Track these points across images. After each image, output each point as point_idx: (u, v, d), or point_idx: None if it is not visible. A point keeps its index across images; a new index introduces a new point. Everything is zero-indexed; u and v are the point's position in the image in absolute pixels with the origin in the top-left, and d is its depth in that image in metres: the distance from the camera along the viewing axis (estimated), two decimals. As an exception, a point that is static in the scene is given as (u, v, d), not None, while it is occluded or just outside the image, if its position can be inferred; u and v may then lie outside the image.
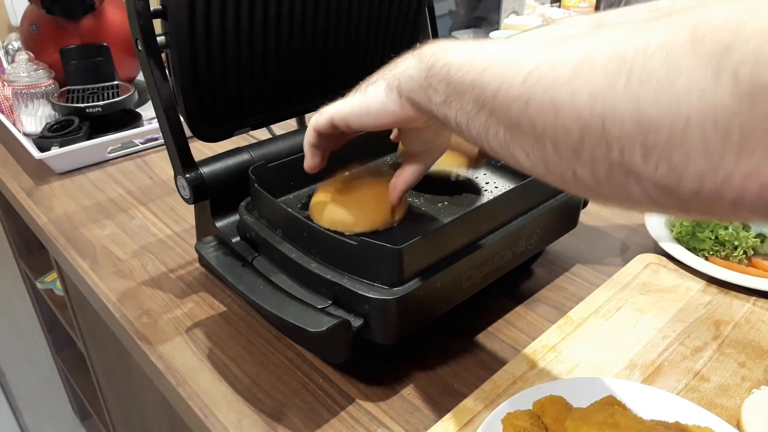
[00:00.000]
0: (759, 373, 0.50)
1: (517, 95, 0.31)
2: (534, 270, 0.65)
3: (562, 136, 0.29)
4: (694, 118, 0.24)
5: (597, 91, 0.27)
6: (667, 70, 0.24)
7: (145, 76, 0.54)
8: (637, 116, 0.25)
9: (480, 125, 0.35)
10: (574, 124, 0.28)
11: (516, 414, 0.44)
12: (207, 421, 0.47)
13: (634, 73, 0.26)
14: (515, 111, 0.31)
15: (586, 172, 0.29)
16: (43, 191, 0.82)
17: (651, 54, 0.25)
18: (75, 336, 1.07)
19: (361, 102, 0.44)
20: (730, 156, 0.23)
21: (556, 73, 0.29)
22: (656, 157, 0.25)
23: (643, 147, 0.26)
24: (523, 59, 0.32)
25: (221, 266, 0.52)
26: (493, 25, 1.18)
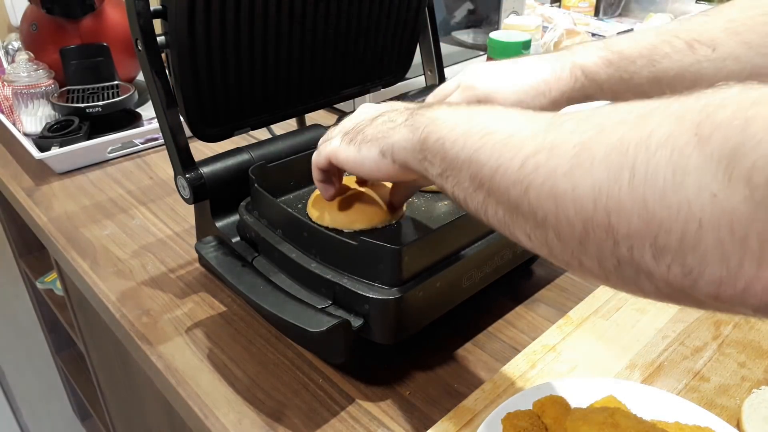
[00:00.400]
0: (759, 373, 0.50)
1: (515, 180, 0.30)
2: (534, 270, 0.65)
3: (565, 226, 0.28)
4: (707, 222, 0.22)
5: (600, 185, 0.26)
6: (673, 170, 0.23)
7: (145, 76, 0.54)
8: (645, 215, 0.24)
9: (478, 202, 0.34)
10: (577, 216, 0.27)
11: (516, 414, 0.44)
12: (207, 421, 0.47)
13: (638, 169, 0.24)
14: (514, 195, 0.31)
15: (592, 264, 0.28)
16: (43, 191, 0.82)
17: (654, 151, 0.24)
18: (75, 336, 1.07)
19: (356, 157, 0.45)
20: (749, 263, 0.22)
21: (555, 163, 0.28)
22: (668, 259, 0.24)
23: (653, 247, 0.24)
24: (520, 142, 0.31)
25: (221, 266, 0.52)
26: (493, 25, 1.18)
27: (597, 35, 1.31)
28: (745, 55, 0.48)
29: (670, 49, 0.50)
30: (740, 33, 0.48)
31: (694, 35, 0.49)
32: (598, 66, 0.51)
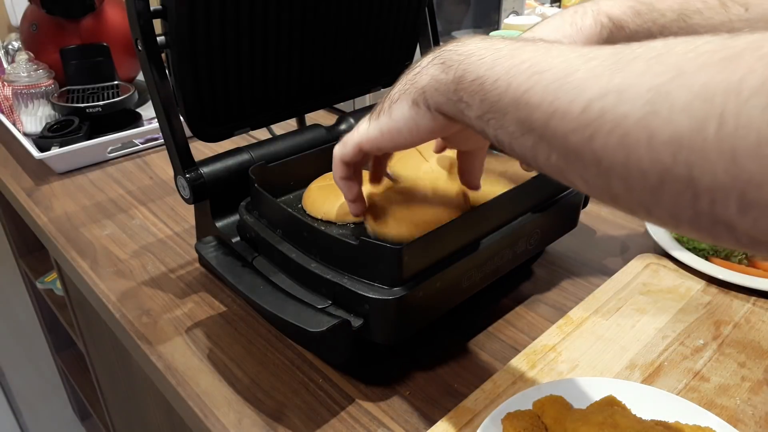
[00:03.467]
0: (759, 373, 0.50)
1: (575, 126, 0.27)
2: (534, 270, 0.65)
3: (637, 176, 0.26)
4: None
5: (680, 134, 0.23)
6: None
7: (145, 76, 0.54)
8: (734, 169, 0.22)
9: (526, 147, 0.31)
10: (653, 167, 0.25)
11: (516, 414, 0.44)
12: (207, 421, 0.47)
13: (727, 119, 0.22)
14: (574, 142, 0.28)
15: (663, 213, 0.26)
16: (43, 191, 0.82)
17: (747, 99, 0.22)
18: (75, 336, 1.07)
19: (389, 124, 0.40)
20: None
21: (625, 109, 0.25)
22: (756, 213, 0.22)
23: (740, 201, 0.22)
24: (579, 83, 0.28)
25: (221, 266, 0.52)
26: (493, 25, 1.18)
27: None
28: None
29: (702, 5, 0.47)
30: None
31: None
32: (626, 15, 0.47)
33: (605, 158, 0.27)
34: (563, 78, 0.28)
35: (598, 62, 0.28)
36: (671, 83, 0.24)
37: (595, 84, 0.27)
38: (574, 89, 0.28)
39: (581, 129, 0.27)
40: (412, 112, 0.38)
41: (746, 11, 0.46)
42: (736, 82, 0.22)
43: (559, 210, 0.59)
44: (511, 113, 0.31)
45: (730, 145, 0.22)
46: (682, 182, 0.24)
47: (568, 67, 0.29)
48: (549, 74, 0.29)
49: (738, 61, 0.23)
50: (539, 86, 0.29)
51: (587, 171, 0.28)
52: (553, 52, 0.31)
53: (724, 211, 0.23)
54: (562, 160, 0.29)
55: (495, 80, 0.32)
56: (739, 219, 0.23)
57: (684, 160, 0.24)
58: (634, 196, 0.27)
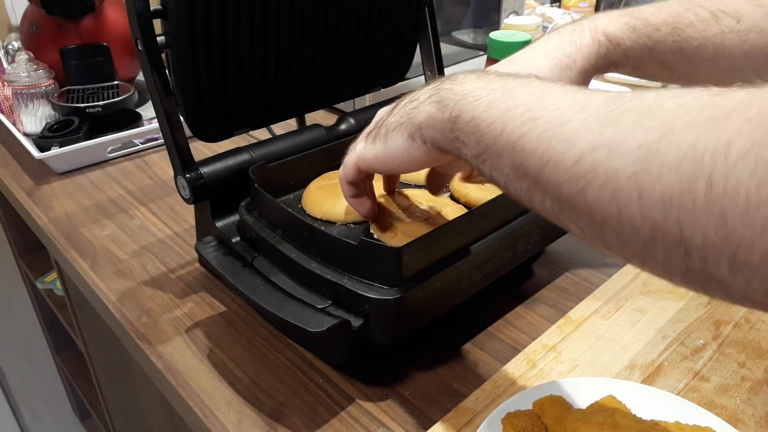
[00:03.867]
0: (759, 373, 0.50)
1: (568, 177, 0.28)
2: (534, 270, 0.65)
3: (629, 230, 0.26)
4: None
5: (671, 193, 0.24)
6: (757, 185, 0.21)
7: (145, 76, 0.54)
8: (724, 230, 0.22)
9: (522, 190, 0.32)
10: (644, 223, 0.25)
11: (516, 414, 0.44)
12: (207, 421, 0.47)
13: (715, 181, 0.22)
14: (567, 192, 0.28)
15: (657, 266, 0.26)
16: (43, 191, 0.82)
17: (735, 163, 0.22)
18: (75, 336, 1.07)
19: (384, 150, 0.41)
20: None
21: (617, 165, 0.26)
22: (748, 274, 0.22)
23: (731, 261, 0.23)
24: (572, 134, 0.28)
25: (221, 266, 0.52)
26: (493, 25, 1.18)
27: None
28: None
29: (695, 18, 0.47)
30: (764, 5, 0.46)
31: (718, 5, 0.47)
32: (622, 32, 0.48)
33: (598, 210, 0.27)
34: (557, 127, 0.29)
35: (590, 112, 0.28)
36: (661, 141, 0.25)
37: (588, 136, 0.27)
38: (567, 140, 0.28)
39: (574, 180, 0.28)
40: (407, 144, 0.40)
41: (738, 23, 0.47)
42: (724, 144, 0.22)
43: (559, 210, 0.59)
44: (506, 157, 0.32)
45: (720, 207, 0.22)
46: (674, 240, 0.24)
47: (561, 116, 0.29)
48: (542, 122, 0.30)
49: (725, 122, 0.23)
50: (533, 133, 0.30)
51: (581, 219, 0.28)
52: (547, 98, 0.31)
53: (715, 269, 0.23)
54: (557, 207, 0.30)
55: (490, 123, 0.33)
56: (731, 278, 0.23)
57: (675, 218, 0.24)
58: (627, 248, 0.27)
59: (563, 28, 0.50)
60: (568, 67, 0.48)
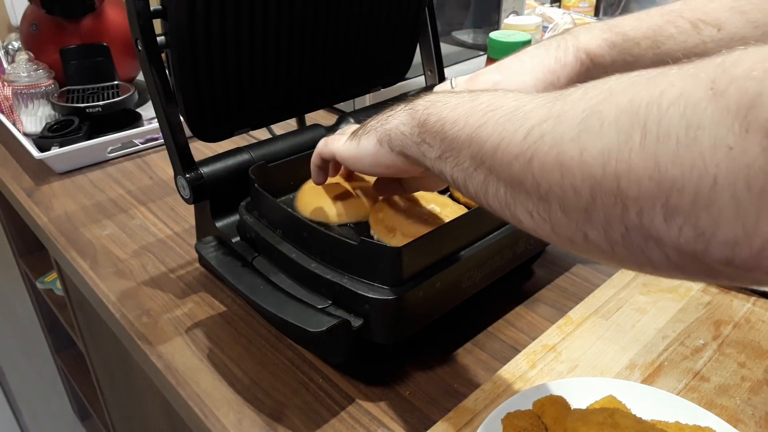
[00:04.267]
0: (759, 373, 0.50)
1: (518, 152, 0.29)
2: (534, 270, 0.65)
3: (571, 195, 0.27)
4: (723, 178, 0.21)
5: (609, 148, 0.25)
6: (686, 126, 0.22)
7: (145, 76, 0.54)
8: (657, 176, 0.23)
9: (478, 183, 0.33)
10: (584, 183, 0.26)
11: (516, 414, 0.44)
12: (207, 421, 0.47)
13: (649, 129, 0.24)
14: (517, 169, 0.29)
15: (598, 235, 0.27)
16: (43, 191, 0.82)
17: (666, 108, 0.23)
18: (75, 336, 1.07)
19: (355, 151, 0.45)
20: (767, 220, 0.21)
21: (562, 129, 0.27)
22: (680, 220, 0.23)
23: (664, 209, 0.23)
24: (524, 114, 0.30)
25: (221, 266, 0.52)
26: (493, 25, 1.18)
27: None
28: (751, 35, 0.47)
29: (675, 30, 0.49)
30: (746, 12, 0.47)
31: (699, 15, 0.48)
32: (602, 49, 0.50)
33: (543, 181, 0.28)
34: (512, 111, 0.31)
35: (545, 98, 0.30)
36: (603, 103, 0.26)
37: (539, 113, 0.29)
38: (520, 119, 0.30)
39: (522, 154, 0.29)
40: (375, 148, 0.43)
41: (719, 31, 0.48)
42: (658, 94, 0.24)
43: (559, 210, 0.59)
44: (465, 149, 0.33)
45: (653, 153, 0.23)
46: (611, 194, 0.25)
47: (518, 104, 0.31)
48: (501, 111, 0.32)
49: (661, 78, 0.25)
50: (491, 121, 0.32)
51: (530, 200, 0.30)
52: (510, 95, 0.33)
53: (650, 221, 0.24)
54: (509, 193, 0.31)
55: (454, 120, 0.35)
56: (665, 229, 0.24)
57: (612, 171, 0.25)
58: (571, 220, 0.28)
59: (549, 42, 0.52)
60: (551, 84, 0.50)
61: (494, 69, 0.53)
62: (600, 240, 0.27)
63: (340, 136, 0.48)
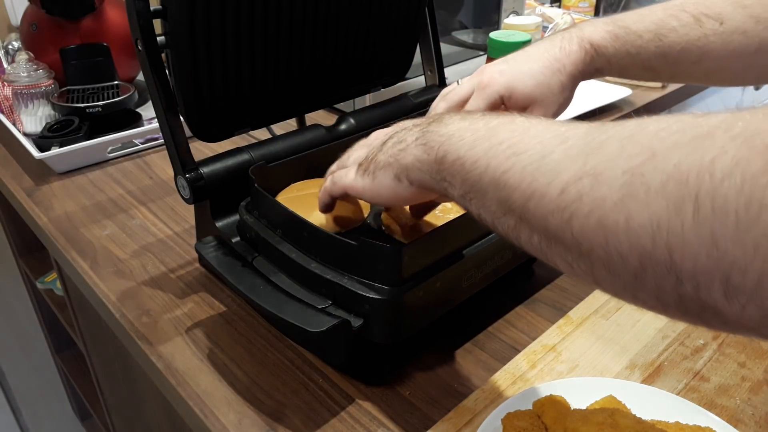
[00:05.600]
0: (759, 373, 0.50)
1: (554, 208, 0.27)
2: (534, 270, 0.65)
3: (617, 260, 0.25)
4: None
5: (658, 218, 0.23)
6: (746, 203, 0.20)
7: (145, 76, 0.54)
8: (716, 254, 0.21)
9: (508, 227, 0.31)
10: (632, 251, 0.24)
11: (516, 414, 0.44)
12: (207, 421, 0.47)
13: (702, 202, 0.22)
14: (554, 224, 0.28)
15: (649, 298, 0.25)
16: (43, 191, 0.82)
17: (721, 180, 0.21)
18: (75, 336, 1.07)
19: (372, 186, 0.43)
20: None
21: (603, 192, 0.25)
22: (743, 299, 0.22)
23: (724, 286, 0.22)
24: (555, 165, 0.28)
25: (221, 266, 0.52)
26: (493, 25, 1.18)
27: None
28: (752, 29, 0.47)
29: (677, 23, 0.49)
30: (748, 6, 0.47)
31: (701, 8, 0.49)
32: (606, 40, 0.50)
33: (585, 241, 0.26)
34: (540, 160, 0.29)
35: (572, 143, 0.28)
36: (645, 165, 0.24)
37: (572, 166, 0.27)
38: (551, 171, 0.28)
39: (560, 211, 0.27)
40: (394, 184, 0.41)
41: (721, 25, 0.48)
42: (709, 162, 0.22)
43: (559, 210, 0.59)
44: (492, 194, 0.32)
45: (709, 229, 0.22)
46: (664, 266, 0.23)
47: (543, 149, 0.29)
48: (525, 156, 0.30)
49: (709, 141, 0.22)
50: (517, 167, 0.30)
51: (569, 253, 0.28)
52: (530, 133, 0.31)
53: (708, 296, 0.23)
54: (544, 242, 0.29)
55: (475, 161, 0.33)
56: (726, 305, 0.22)
57: (664, 243, 0.23)
58: (617, 281, 0.26)
59: (553, 36, 0.53)
60: (558, 70, 0.50)
61: (500, 61, 0.54)
62: (651, 302, 0.26)
63: (345, 171, 0.46)
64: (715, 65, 0.50)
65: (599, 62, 0.51)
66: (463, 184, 0.34)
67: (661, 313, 0.26)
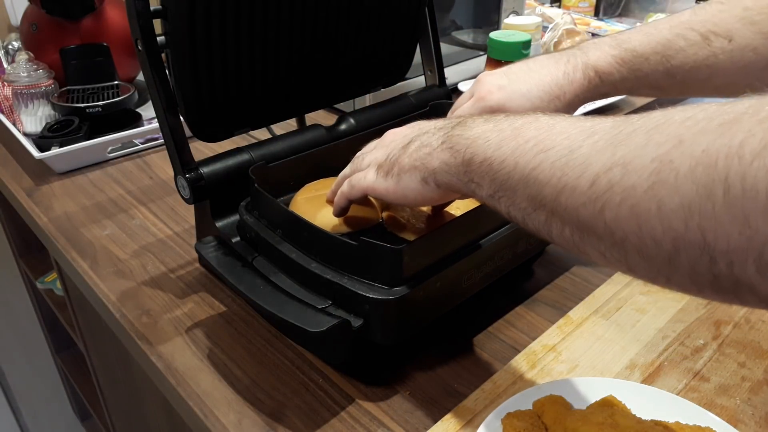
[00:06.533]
0: (759, 373, 0.50)
1: (585, 200, 0.28)
2: (534, 270, 0.65)
3: (651, 245, 0.26)
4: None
5: (689, 201, 0.24)
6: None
7: (145, 76, 0.54)
8: (748, 231, 0.22)
9: (539, 222, 0.32)
10: (666, 235, 0.25)
11: (516, 414, 0.44)
12: (207, 421, 0.47)
13: (732, 183, 0.22)
14: (586, 216, 0.28)
15: (683, 280, 0.26)
16: (43, 191, 0.82)
17: (750, 161, 0.22)
18: (75, 336, 1.07)
19: (396, 189, 0.44)
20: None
21: (633, 180, 0.26)
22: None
23: (757, 263, 0.22)
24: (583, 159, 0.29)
25: (221, 266, 0.52)
26: (493, 25, 1.18)
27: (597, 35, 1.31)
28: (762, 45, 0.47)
29: (685, 43, 0.49)
30: (757, 22, 0.47)
31: (709, 26, 0.48)
32: (611, 66, 0.50)
33: (618, 229, 0.27)
34: (568, 155, 0.30)
35: (599, 136, 0.29)
36: (673, 152, 0.25)
37: (600, 158, 0.28)
38: (581, 165, 0.29)
39: (591, 202, 0.28)
40: (420, 186, 0.42)
41: (730, 42, 0.48)
42: (737, 146, 0.23)
43: (559, 210, 0.59)
44: (521, 191, 0.32)
45: (740, 208, 0.22)
46: (697, 247, 0.24)
47: (571, 144, 0.30)
48: (554, 152, 0.31)
49: (737, 126, 0.23)
50: (546, 164, 0.31)
51: (602, 243, 0.29)
52: (555, 129, 0.32)
53: (743, 273, 0.23)
54: (576, 234, 0.30)
55: (502, 160, 0.33)
56: (760, 280, 0.23)
57: (696, 225, 0.24)
58: (651, 266, 0.27)
59: (559, 56, 0.52)
60: (557, 97, 0.51)
61: (502, 73, 0.54)
62: (686, 284, 0.26)
63: (363, 174, 0.47)
64: (724, 81, 0.49)
65: (604, 89, 0.51)
66: (491, 184, 0.35)
67: (696, 295, 0.27)
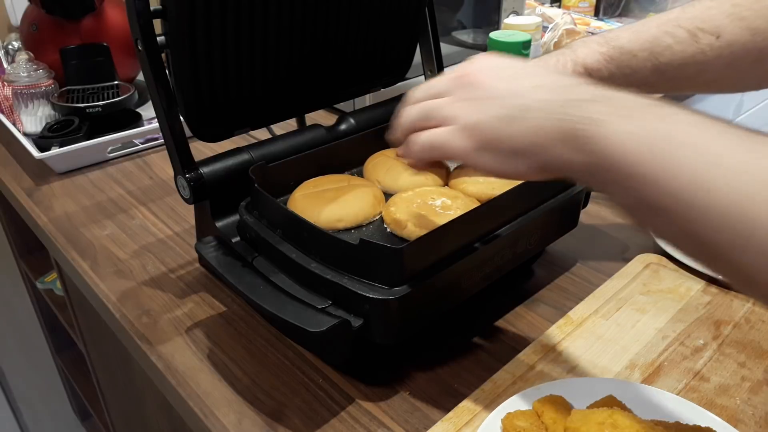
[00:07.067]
0: (759, 373, 0.50)
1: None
2: (534, 270, 0.65)
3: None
4: None
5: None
6: None
7: (145, 76, 0.54)
8: None
9: (681, 246, 0.31)
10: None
11: (516, 414, 0.44)
12: (207, 421, 0.47)
13: None
14: (751, 272, 0.27)
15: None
16: (43, 191, 0.82)
17: None
18: (75, 336, 1.07)
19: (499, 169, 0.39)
20: None
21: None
22: None
23: None
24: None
25: (221, 266, 0.52)
26: (493, 25, 1.18)
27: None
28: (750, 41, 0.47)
29: (672, 41, 0.49)
30: (745, 18, 0.47)
31: (697, 23, 0.48)
32: (600, 63, 0.50)
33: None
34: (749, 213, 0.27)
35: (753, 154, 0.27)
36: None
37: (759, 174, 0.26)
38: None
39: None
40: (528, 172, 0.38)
41: (718, 38, 0.48)
42: None
43: (560, 210, 0.59)
44: (676, 223, 0.29)
45: None
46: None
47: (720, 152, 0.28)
48: (719, 179, 0.28)
49: None
50: (714, 212, 0.28)
51: (750, 289, 0.28)
52: (724, 163, 0.28)
53: None
54: (726, 272, 0.29)
55: (650, 182, 0.30)
56: None
57: None
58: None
59: (548, 57, 0.52)
60: None
61: None
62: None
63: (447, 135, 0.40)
64: (714, 77, 0.50)
65: None
66: (626, 195, 0.32)
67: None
